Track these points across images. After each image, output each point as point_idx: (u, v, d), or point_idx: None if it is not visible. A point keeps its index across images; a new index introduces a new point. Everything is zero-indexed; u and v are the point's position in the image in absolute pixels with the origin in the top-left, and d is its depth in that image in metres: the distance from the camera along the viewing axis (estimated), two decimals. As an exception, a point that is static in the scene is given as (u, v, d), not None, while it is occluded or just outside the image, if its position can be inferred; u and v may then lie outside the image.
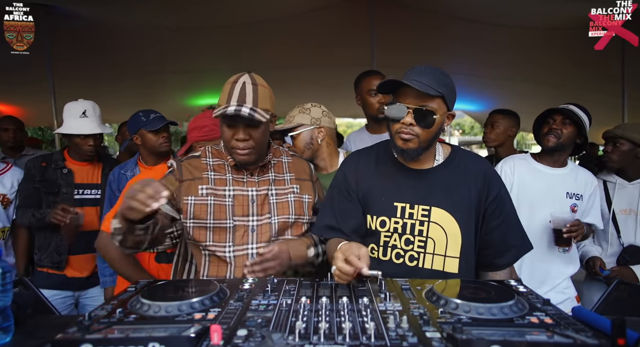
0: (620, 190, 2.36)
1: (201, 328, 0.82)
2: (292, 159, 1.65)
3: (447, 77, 1.32)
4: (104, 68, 5.12)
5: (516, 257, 1.44)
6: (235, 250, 1.46)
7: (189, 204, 1.45)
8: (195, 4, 3.79)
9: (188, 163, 1.52)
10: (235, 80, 1.44)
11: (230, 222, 1.46)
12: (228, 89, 1.43)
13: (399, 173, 1.42)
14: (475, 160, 1.46)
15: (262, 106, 1.42)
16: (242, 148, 1.42)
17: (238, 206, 1.48)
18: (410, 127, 1.29)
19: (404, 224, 1.38)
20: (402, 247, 1.39)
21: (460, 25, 4.31)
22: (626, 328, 0.72)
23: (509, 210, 1.42)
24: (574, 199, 2.12)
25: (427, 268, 1.36)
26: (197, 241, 1.47)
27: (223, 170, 1.52)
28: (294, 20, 4.29)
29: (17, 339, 0.88)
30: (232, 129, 1.42)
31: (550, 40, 4.36)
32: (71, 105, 2.40)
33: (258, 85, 1.44)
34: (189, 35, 4.51)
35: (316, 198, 1.62)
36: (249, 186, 1.52)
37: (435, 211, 1.36)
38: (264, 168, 1.55)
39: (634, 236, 2.29)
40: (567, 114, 2.08)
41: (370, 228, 1.44)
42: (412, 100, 1.28)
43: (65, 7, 3.62)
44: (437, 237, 1.36)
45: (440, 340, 0.79)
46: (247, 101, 1.40)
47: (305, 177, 1.63)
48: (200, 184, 1.47)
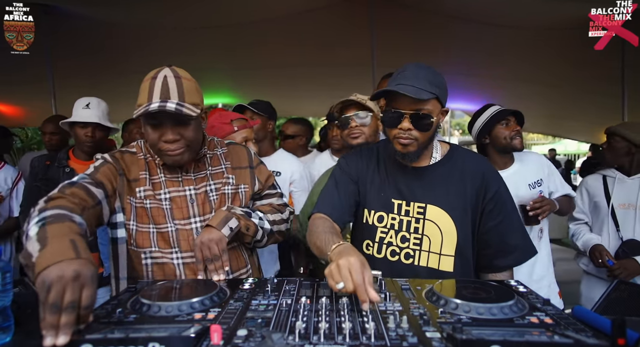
0: (619, 184, 2.38)
1: (201, 328, 0.82)
2: (228, 148, 1.53)
3: (438, 75, 1.31)
4: (103, 68, 5.13)
5: (518, 261, 1.41)
6: (183, 257, 1.35)
7: (131, 205, 1.34)
8: (197, 4, 3.79)
9: (122, 159, 1.38)
10: (154, 76, 1.28)
11: (171, 226, 1.35)
12: (147, 86, 1.27)
13: (397, 170, 1.43)
14: (474, 159, 1.45)
15: (189, 101, 1.28)
16: (172, 149, 1.28)
17: (177, 208, 1.36)
18: (409, 131, 1.29)
19: (400, 221, 1.39)
20: (398, 244, 1.39)
21: (460, 25, 4.30)
22: (626, 328, 0.72)
23: (509, 210, 1.40)
24: (537, 187, 2.15)
25: (423, 266, 1.36)
26: (140, 247, 1.34)
27: (155, 170, 1.39)
28: (294, 20, 4.29)
29: (17, 339, 0.88)
30: (158, 129, 1.27)
31: (550, 41, 4.36)
32: (79, 99, 2.47)
33: (182, 78, 1.29)
34: (189, 34, 4.51)
35: (256, 185, 1.51)
36: (186, 185, 1.39)
37: (431, 209, 1.37)
38: (199, 163, 1.43)
39: (632, 231, 2.30)
40: (519, 115, 2.14)
41: (367, 223, 1.44)
42: (408, 105, 1.27)
43: (65, 7, 3.63)
44: (432, 234, 1.36)
45: (440, 340, 0.79)
46: (171, 96, 1.25)
47: (243, 165, 1.51)
48: (137, 186, 1.35)
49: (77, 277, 0.83)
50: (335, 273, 0.98)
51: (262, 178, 1.54)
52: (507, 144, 2.13)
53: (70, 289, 0.81)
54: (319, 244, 1.20)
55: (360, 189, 1.46)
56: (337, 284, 0.96)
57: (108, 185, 1.30)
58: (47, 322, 0.77)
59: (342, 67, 5.19)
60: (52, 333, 0.77)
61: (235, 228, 1.34)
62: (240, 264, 1.46)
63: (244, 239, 1.42)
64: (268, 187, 1.57)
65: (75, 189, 1.21)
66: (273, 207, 1.56)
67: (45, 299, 0.80)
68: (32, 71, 4.15)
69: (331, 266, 1.01)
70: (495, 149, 2.17)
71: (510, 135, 2.11)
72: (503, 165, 2.17)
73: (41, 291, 0.81)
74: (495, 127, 2.13)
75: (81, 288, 0.83)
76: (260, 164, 1.57)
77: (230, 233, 1.33)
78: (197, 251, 1.28)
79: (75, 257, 0.88)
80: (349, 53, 4.93)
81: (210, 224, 1.32)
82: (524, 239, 1.42)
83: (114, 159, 1.36)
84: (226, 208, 1.40)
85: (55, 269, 0.83)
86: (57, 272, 0.82)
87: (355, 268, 0.95)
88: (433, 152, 1.42)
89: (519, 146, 2.13)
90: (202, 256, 1.28)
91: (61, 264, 0.84)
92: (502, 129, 2.13)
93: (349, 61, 4.96)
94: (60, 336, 0.77)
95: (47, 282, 0.81)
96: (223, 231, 1.31)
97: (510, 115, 2.13)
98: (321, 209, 1.40)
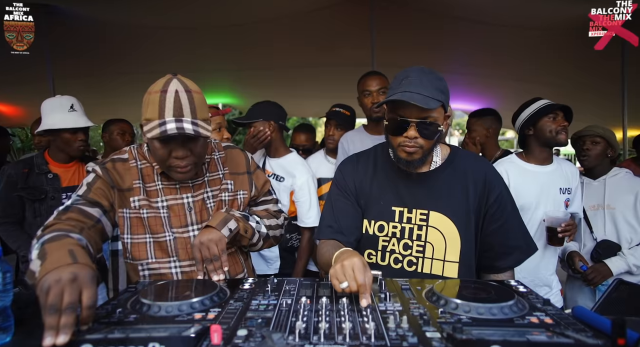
0: (587, 188, 2.42)
1: (201, 328, 0.82)
2: (225, 152, 1.49)
3: (441, 79, 1.28)
4: (103, 67, 5.13)
5: (519, 261, 1.41)
6: (181, 265, 1.35)
7: (124, 217, 1.32)
8: (197, 4, 3.79)
9: (114, 168, 1.34)
10: (164, 89, 1.21)
11: (169, 235, 1.34)
12: (157, 100, 1.20)
13: (396, 177, 1.40)
14: (475, 161, 1.42)
15: (201, 117, 1.24)
16: (183, 166, 1.26)
17: (174, 216, 1.34)
18: (415, 140, 1.26)
19: (402, 229, 1.37)
20: (401, 252, 1.37)
21: (461, 25, 4.30)
22: (626, 328, 0.72)
23: (510, 211, 1.39)
24: (566, 193, 2.14)
25: (426, 273, 1.35)
26: (136, 259, 1.33)
27: (152, 177, 1.36)
28: (295, 21, 4.29)
29: (17, 339, 0.88)
30: (168, 145, 1.23)
31: (550, 40, 4.36)
32: (54, 100, 2.28)
33: (192, 92, 1.24)
34: (190, 35, 4.51)
35: (253, 191, 1.50)
36: (183, 192, 1.37)
37: (434, 215, 1.35)
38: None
39: (603, 229, 2.34)
40: (567, 111, 2.11)
41: (367, 233, 1.42)
42: (414, 113, 1.23)
43: (65, 7, 3.62)
44: (435, 241, 1.34)
45: (440, 340, 0.79)
46: (184, 114, 1.20)
47: (241, 170, 1.49)
48: (131, 196, 1.32)
49: (75, 279, 0.85)
50: (339, 273, 1.00)
51: (259, 184, 1.53)
52: (551, 138, 2.10)
53: (69, 291, 0.83)
54: (324, 260, 1.26)
55: (359, 200, 1.44)
56: (341, 284, 0.98)
57: (104, 201, 1.29)
58: (47, 323, 0.79)
59: (342, 67, 5.18)
60: (52, 334, 0.78)
61: (234, 229, 1.34)
62: (237, 269, 1.47)
63: (242, 241, 1.41)
64: (264, 193, 1.56)
65: (70, 214, 1.22)
66: (269, 212, 1.55)
67: (44, 302, 0.81)
68: (32, 71, 4.15)
69: (335, 266, 1.03)
70: (538, 142, 2.14)
71: (556, 130, 2.08)
72: (542, 161, 2.15)
73: (40, 294, 0.83)
74: (542, 119, 2.11)
75: (80, 289, 0.85)
76: (257, 169, 1.56)
77: (230, 234, 1.32)
78: (197, 251, 1.27)
79: (72, 262, 0.90)
80: (349, 53, 4.94)
81: (209, 224, 1.31)
82: (525, 239, 1.41)
83: (104, 171, 1.32)
84: (225, 210, 1.39)
85: (52, 273, 0.86)
86: (54, 277, 0.84)
87: (358, 267, 1.00)
88: (433, 157, 1.39)
89: (564, 141, 2.09)
90: (201, 256, 1.27)
91: (58, 269, 0.87)
92: (548, 122, 2.10)
93: (349, 61, 4.96)
94: (60, 336, 0.78)
95: (45, 286, 0.83)
96: (222, 232, 1.30)
97: (558, 110, 2.10)
98: (326, 235, 1.40)
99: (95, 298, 0.86)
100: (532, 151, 2.16)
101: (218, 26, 4.32)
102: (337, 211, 1.42)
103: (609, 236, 2.33)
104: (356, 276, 0.98)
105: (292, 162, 2.48)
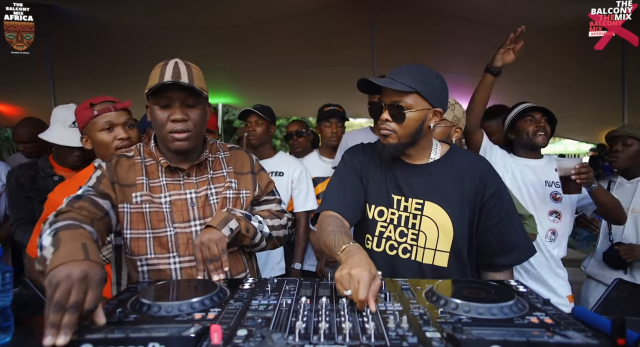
0: (618, 188, 2.38)
1: (201, 328, 0.82)
2: (230, 153, 1.53)
3: (428, 74, 1.33)
4: (104, 68, 5.12)
5: (517, 261, 1.43)
6: (181, 261, 1.35)
7: (125, 212, 1.33)
8: (197, 4, 3.79)
9: (118, 164, 1.38)
10: (164, 63, 1.33)
11: (170, 230, 1.35)
12: (158, 70, 1.31)
13: (397, 166, 1.45)
14: (473, 159, 1.47)
15: (198, 85, 1.31)
16: (180, 131, 1.30)
17: (177, 211, 1.36)
18: (387, 122, 1.35)
19: (399, 216, 1.41)
20: (397, 239, 1.41)
21: (461, 25, 4.30)
22: (626, 328, 0.72)
23: (507, 208, 1.42)
24: (553, 186, 2.11)
25: (418, 261, 1.39)
26: (135, 254, 1.34)
27: (156, 173, 1.40)
28: (295, 21, 4.29)
29: (17, 339, 0.88)
30: (167, 109, 1.31)
31: (550, 40, 4.36)
32: (61, 112, 2.23)
33: (191, 66, 1.34)
34: (190, 35, 4.51)
35: (256, 190, 1.51)
36: (187, 188, 1.39)
37: (429, 205, 1.38)
38: (200, 166, 1.44)
39: (621, 232, 2.32)
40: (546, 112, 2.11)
41: (367, 217, 1.45)
42: (388, 98, 1.34)
43: (65, 7, 3.62)
44: (428, 231, 1.38)
45: (440, 340, 0.79)
46: (182, 78, 1.28)
47: (245, 170, 1.51)
48: (134, 191, 1.34)
49: (84, 278, 0.85)
50: (345, 281, 0.99)
51: (262, 184, 1.54)
52: (528, 140, 2.09)
53: (76, 290, 0.83)
54: (328, 243, 1.21)
55: (364, 183, 1.47)
56: (345, 291, 0.98)
57: (112, 194, 1.33)
58: (49, 320, 0.78)
59: (342, 67, 5.18)
60: (53, 332, 0.78)
61: (235, 229, 1.33)
62: (239, 268, 1.46)
63: (243, 241, 1.41)
64: (267, 193, 1.56)
65: (82, 203, 1.23)
66: (272, 213, 1.55)
67: (51, 297, 0.81)
68: (32, 71, 4.15)
69: (343, 271, 1.01)
70: (520, 144, 2.15)
71: (533, 131, 2.07)
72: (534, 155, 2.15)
73: (48, 288, 0.83)
74: (519, 122, 2.11)
75: (86, 290, 0.85)
76: (261, 170, 1.57)
77: (231, 234, 1.32)
78: (197, 251, 1.27)
79: (85, 258, 0.90)
80: (349, 53, 4.94)
81: (210, 224, 1.31)
82: (524, 239, 1.43)
83: (108, 168, 1.37)
84: (226, 209, 1.39)
85: (64, 268, 0.85)
86: (65, 272, 0.84)
87: (364, 281, 0.96)
88: (432, 153, 1.44)
89: (542, 143, 2.08)
90: (201, 256, 1.27)
91: (70, 264, 0.87)
92: (525, 124, 2.09)
93: (349, 61, 4.96)
94: (60, 335, 0.78)
95: (55, 280, 0.83)
96: (223, 231, 1.30)
97: (535, 112, 2.09)
98: (330, 206, 1.39)
99: (97, 302, 0.87)
100: (519, 155, 2.18)
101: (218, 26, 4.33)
102: (346, 183, 1.45)
103: (628, 238, 2.28)
104: (359, 291, 0.95)
105: (283, 157, 2.68)
